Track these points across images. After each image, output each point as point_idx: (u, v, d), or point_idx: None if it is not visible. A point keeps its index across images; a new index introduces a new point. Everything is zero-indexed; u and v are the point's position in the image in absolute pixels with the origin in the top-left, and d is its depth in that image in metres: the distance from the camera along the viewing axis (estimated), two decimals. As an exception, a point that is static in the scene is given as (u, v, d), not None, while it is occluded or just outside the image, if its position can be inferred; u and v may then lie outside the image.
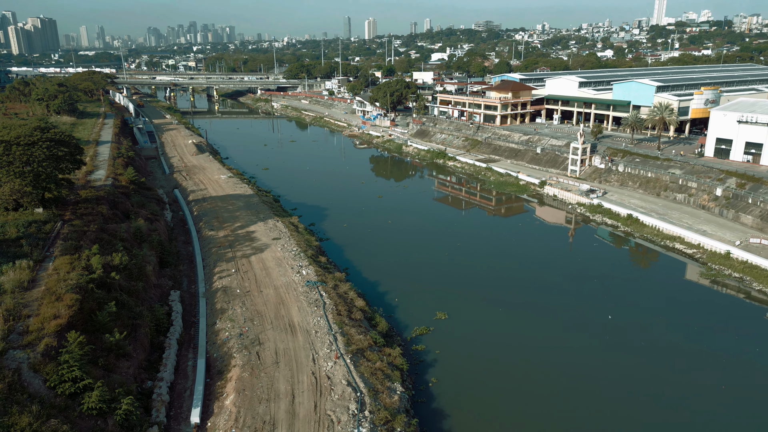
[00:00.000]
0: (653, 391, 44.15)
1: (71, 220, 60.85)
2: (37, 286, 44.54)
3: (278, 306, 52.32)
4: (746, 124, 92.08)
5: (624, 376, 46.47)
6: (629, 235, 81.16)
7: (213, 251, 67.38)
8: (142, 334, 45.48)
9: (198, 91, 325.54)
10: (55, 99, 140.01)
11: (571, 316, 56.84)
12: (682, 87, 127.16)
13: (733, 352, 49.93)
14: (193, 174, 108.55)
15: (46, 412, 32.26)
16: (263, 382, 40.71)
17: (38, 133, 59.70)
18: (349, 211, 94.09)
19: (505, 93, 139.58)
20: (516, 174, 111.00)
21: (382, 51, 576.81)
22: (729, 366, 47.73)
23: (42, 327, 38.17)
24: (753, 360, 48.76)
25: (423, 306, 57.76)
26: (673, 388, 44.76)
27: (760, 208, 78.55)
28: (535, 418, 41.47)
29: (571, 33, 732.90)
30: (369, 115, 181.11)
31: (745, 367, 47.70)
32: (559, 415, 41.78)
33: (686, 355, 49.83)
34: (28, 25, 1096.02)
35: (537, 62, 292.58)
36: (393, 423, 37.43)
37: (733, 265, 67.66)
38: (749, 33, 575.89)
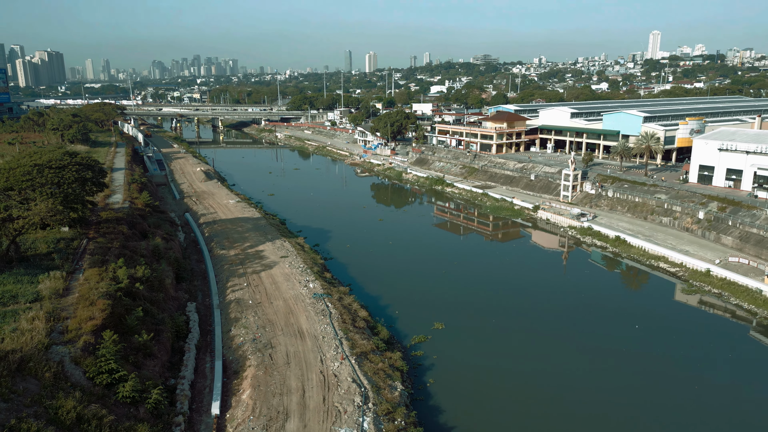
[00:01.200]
0: (639, 395, 48.25)
1: (95, 237, 65.70)
2: (71, 293, 49.08)
3: (288, 315, 56.69)
4: (726, 152, 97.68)
5: (609, 375, 50.58)
6: (617, 256, 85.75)
7: (225, 268, 71.96)
8: (164, 338, 49.82)
9: (203, 122, 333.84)
10: (69, 129, 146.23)
11: (562, 328, 61.05)
12: (668, 117, 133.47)
13: (722, 376, 53.88)
14: (203, 199, 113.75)
15: (87, 399, 36.51)
16: (276, 380, 44.88)
17: (67, 158, 65.01)
18: (351, 233, 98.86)
19: (501, 123, 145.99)
20: (511, 199, 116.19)
21: (382, 84, 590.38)
22: (718, 389, 51.83)
23: (79, 327, 42.59)
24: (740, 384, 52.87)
25: (421, 317, 62.06)
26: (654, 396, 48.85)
27: (739, 229, 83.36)
28: (525, 416, 45.50)
29: (568, 66, 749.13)
30: (370, 145, 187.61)
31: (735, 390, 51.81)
32: (547, 413, 45.80)
33: (666, 372, 53.93)
34: (36, 59, 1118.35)
35: (533, 94, 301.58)
36: (394, 414, 41.52)
37: (712, 282, 72.13)
38: (741, 66, 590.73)
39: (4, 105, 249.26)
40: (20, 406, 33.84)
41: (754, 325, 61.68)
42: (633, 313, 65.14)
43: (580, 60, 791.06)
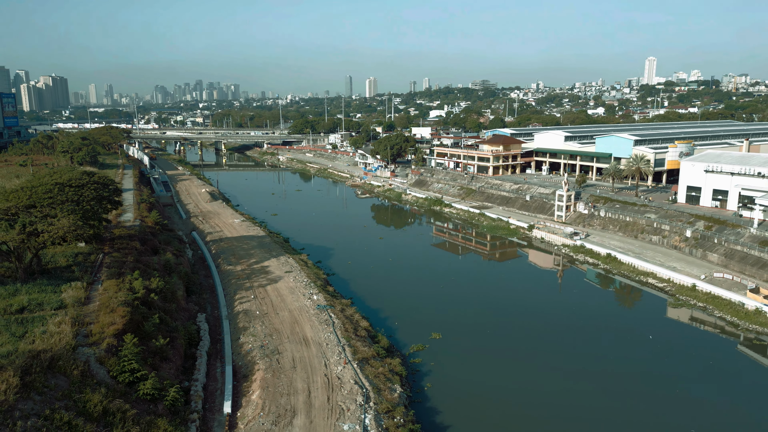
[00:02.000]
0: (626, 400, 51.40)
1: (110, 252, 69.29)
2: (92, 302, 52.54)
3: (293, 324, 59.99)
4: (712, 173, 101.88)
5: (598, 380, 53.76)
6: (609, 272, 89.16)
7: (232, 282, 75.39)
8: (178, 344, 53.12)
9: (206, 146, 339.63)
10: (79, 151, 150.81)
11: (554, 340, 64.27)
12: (658, 141, 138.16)
13: (711, 392, 56.99)
14: (209, 218, 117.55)
15: (111, 394, 39.82)
16: (283, 382, 48.07)
17: (86, 177, 69.05)
18: (352, 251, 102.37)
19: (497, 146, 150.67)
20: (507, 219, 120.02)
21: (382, 108, 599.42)
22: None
23: (102, 331, 45.98)
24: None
25: (420, 328, 65.31)
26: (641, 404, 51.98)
27: (724, 247, 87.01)
28: (516, 418, 48.59)
29: (565, 91, 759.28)
30: (370, 167, 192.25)
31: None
32: (537, 415, 48.89)
33: (650, 389, 57.10)
34: (40, 83, 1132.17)
35: (530, 119, 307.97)
36: (393, 413, 44.65)
37: (697, 296, 75.51)
38: (736, 92, 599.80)
39: (12, 128, 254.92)
40: (53, 399, 37.17)
41: (742, 339, 64.56)
42: (623, 327, 68.39)
43: (577, 85, 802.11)
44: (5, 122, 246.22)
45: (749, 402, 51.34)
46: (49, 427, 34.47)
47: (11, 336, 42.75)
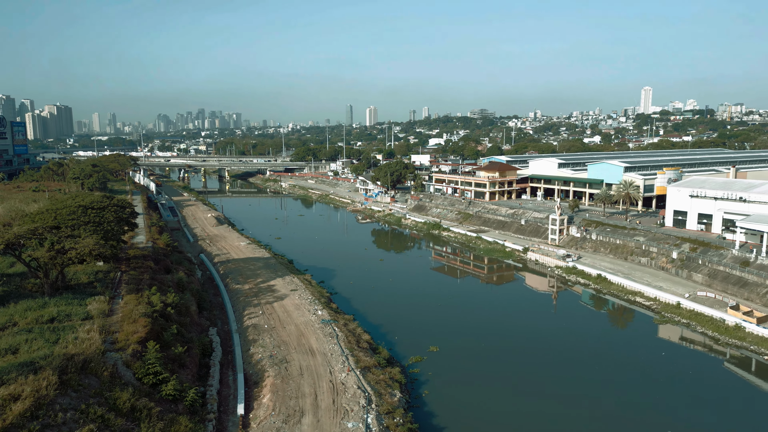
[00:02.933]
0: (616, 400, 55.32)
1: (127, 270, 73.77)
2: (115, 314, 56.86)
3: (299, 337, 64.11)
4: (697, 198, 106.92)
5: (588, 390, 57.69)
6: (599, 292, 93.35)
7: (240, 299, 79.63)
8: (193, 353, 57.27)
9: (209, 173, 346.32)
10: (90, 178, 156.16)
11: (544, 351, 68.32)
12: (648, 167, 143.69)
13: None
14: (216, 242, 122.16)
15: (138, 394, 43.92)
16: (292, 387, 52.06)
17: (106, 200, 73.93)
18: (354, 272, 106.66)
19: (493, 172, 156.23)
20: (503, 242, 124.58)
21: (382, 136, 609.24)
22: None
23: (127, 339, 50.27)
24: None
25: (418, 341, 69.36)
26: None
27: (708, 267, 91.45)
28: (510, 422, 52.48)
29: (562, 120, 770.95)
30: (371, 193, 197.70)
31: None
32: (528, 421, 52.77)
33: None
34: (45, 112, 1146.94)
35: (526, 146, 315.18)
36: (393, 414, 48.58)
37: (682, 313, 79.64)
38: (730, 121, 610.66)
39: (21, 156, 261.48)
40: (87, 396, 41.31)
41: (728, 357, 68.32)
42: (611, 343, 72.45)
43: (575, 114, 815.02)
44: (15, 150, 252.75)
45: (728, 413, 55.23)
46: (85, 419, 38.59)
47: (45, 342, 46.92)
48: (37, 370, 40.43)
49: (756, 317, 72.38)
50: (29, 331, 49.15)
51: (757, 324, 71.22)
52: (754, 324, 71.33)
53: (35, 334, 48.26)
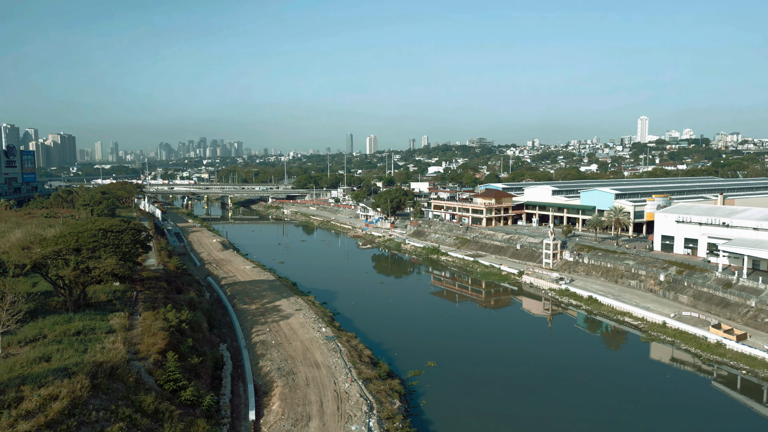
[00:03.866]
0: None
1: (143, 290, 78.30)
2: (135, 328, 61.29)
3: (305, 352, 68.32)
4: (683, 224, 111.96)
5: (577, 401, 61.70)
6: (590, 312, 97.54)
7: (248, 318, 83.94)
8: (207, 365, 61.50)
9: (212, 200, 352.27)
10: (99, 204, 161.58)
11: (538, 369, 72.44)
12: (638, 195, 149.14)
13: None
14: (222, 265, 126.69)
15: (160, 398, 48.18)
16: (299, 395, 56.20)
17: (124, 224, 78.94)
18: (355, 294, 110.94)
19: (489, 199, 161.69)
20: (499, 266, 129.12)
21: (382, 164, 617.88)
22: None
23: (148, 350, 54.67)
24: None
25: (417, 357, 73.49)
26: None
27: (693, 289, 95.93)
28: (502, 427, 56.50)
29: (560, 149, 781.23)
30: (371, 219, 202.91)
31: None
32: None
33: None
34: (49, 141, 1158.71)
35: (523, 174, 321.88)
36: (393, 419, 52.69)
37: (667, 332, 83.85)
38: (725, 150, 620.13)
39: (30, 184, 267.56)
40: (115, 398, 45.62)
41: (709, 372, 72.28)
42: (601, 363, 76.58)
43: (572, 143, 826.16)
44: (24, 178, 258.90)
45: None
46: (115, 418, 42.90)
47: (75, 351, 51.24)
48: (71, 375, 44.85)
49: (736, 335, 76.70)
50: (59, 342, 53.53)
51: (736, 341, 75.45)
52: (734, 341, 75.55)
53: (65, 345, 52.62)
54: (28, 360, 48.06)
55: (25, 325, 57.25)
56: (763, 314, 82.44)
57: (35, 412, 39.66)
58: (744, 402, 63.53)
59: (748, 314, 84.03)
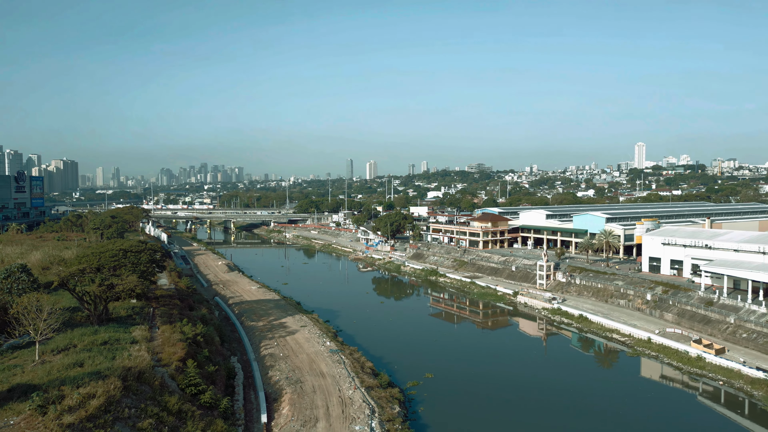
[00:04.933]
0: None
1: (158, 307, 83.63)
2: (155, 340, 66.50)
3: (311, 363, 73.35)
4: (669, 246, 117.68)
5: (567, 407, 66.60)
6: (581, 330, 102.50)
7: (256, 334, 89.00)
8: (221, 374, 66.54)
9: (215, 225, 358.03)
10: (109, 228, 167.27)
11: (531, 382, 77.41)
12: (628, 218, 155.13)
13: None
14: (228, 286, 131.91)
15: (182, 400, 53.27)
16: (307, 401, 61.17)
17: (142, 245, 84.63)
18: (356, 313, 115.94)
19: (486, 223, 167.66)
20: (495, 287, 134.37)
21: (382, 189, 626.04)
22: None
23: (170, 358, 59.89)
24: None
25: (415, 369, 78.44)
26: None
27: (677, 307, 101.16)
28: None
29: (557, 175, 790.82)
30: (372, 242, 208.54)
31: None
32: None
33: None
34: (51, 167, 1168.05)
35: (520, 199, 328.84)
36: (393, 422, 57.58)
37: (651, 347, 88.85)
38: (720, 176, 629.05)
39: (38, 209, 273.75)
40: (143, 399, 50.73)
41: (701, 392, 76.95)
42: (590, 378, 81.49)
43: (570, 168, 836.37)
44: (33, 203, 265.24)
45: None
46: (145, 415, 48.02)
47: (105, 358, 56.44)
48: (104, 378, 50.04)
49: (715, 349, 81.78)
50: (89, 350, 58.73)
51: (715, 355, 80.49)
52: (713, 355, 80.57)
53: (94, 353, 57.83)
54: (63, 365, 53.27)
55: (56, 336, 62.49)
56: (741, 330, 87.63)
57: (76, 407, 44.74)
58: (720, 411, 68.32)
59: (728, 330, 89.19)
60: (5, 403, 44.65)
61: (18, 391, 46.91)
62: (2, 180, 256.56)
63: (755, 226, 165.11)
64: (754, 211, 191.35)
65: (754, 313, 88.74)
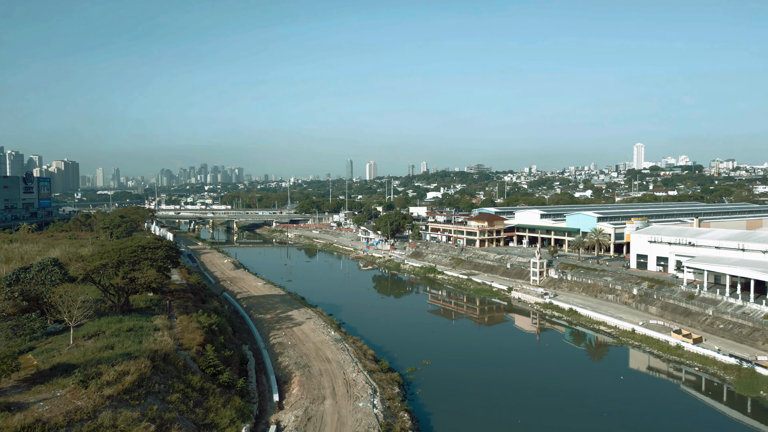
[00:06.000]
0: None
1: (173, 299, 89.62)
2: (175, 328, 72.46)
3: (317, 350, 79.36)
4: (655, 243, 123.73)
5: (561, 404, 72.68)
6: (570, 323, 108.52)
7: (264, 325, 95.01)
8: (235, 358, 72.56)
9: (217, 225, 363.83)
10: (119, 227, 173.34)
11: (521, 369, 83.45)
12: (619, 218, 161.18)
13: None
14: (235, 282, 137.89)
15: (203, 379, 59.27)
16: (314, 383, 67.15)
17: (158, 242, 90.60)
18: (358, 307, 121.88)
19: (482, 222, 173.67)
20: (490, 283, 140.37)
21: (382, 190, 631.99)
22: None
23: (190, 343, 65.91)
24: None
25: (414, 356, 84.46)
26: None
27: (661, 301, 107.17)
28: (487, 412, 67.40)
29: (556, 175, 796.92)
30: (372, 241, 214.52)
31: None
32: (502, 414, 67.64)
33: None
34: (52, 167, 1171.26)
35: (517, 200, 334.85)
36: (393, 400, 63.61)
37: (635, 337, 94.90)
38: (717, 176, 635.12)
39: (45, 209, 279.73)
40: (170, 377, 56.76)
41: (677, 377, 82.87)
42: (576, 365, 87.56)
43: (569, 169, 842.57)
44: (40, 203, 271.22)
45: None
46: (172, 390, 54.10)
47: (132, 342, 62.42)
48: (134, 358, 56.04)
49: (693, 339, 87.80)
50: (117, 336, 64.70)
51: (693, 343, 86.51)
52: (690, 344, 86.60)
53: (122, 338, 63.82)
54: (96, 348, 59.23)
55: (86, 324, 68.45)
56: (718, 321, 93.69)
57: (113, 382, 50.73)
58: (694, 394, 74.33)
59: (706, 321, 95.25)
60: (50, 379, 50.74)
61: (59, 369, 52.97)
62: (11, 181, 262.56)
63: (743, 225, 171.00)
64: (743, 211, 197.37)
65: (731, 305, 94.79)
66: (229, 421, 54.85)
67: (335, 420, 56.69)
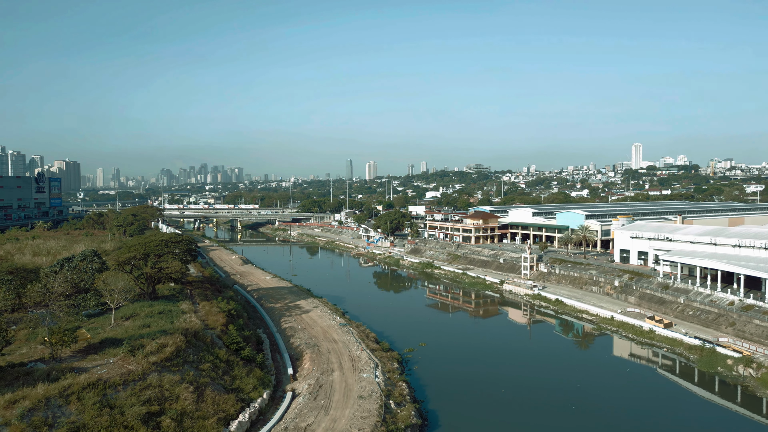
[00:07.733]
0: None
1: (193, 289, 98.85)
2: (199, 312, 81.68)
3: (324, 333, 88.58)
4: (636, 239, 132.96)
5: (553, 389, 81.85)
6: (556, 312, 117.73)
7: (275, 313, 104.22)
8: (252, 339, 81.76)
9: (221, 224, 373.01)
10: (131, 225, 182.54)
11: (509, 352, 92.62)
12: (606, 215, 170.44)
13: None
14: (245, 276, 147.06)
15: (228, 353, 68.46)
16: (323, 359, 76.33)
17: (179, 236, 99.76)
18: (360, 299, 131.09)
19: (477, 220, 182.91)
20: (484, 277, 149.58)
21: (381, 190, 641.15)
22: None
23: (215, 323, 75.22)
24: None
25: (411, 339, 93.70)
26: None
27: (639, 291, 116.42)
28: (477, 387, 76.63)
29: (554, 175, 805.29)
30: (372, 239, 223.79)
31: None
32: (494, 389, 76.87)
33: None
34: (54, 167, 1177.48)
35: (514, 199, 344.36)
36: (393, 373, 72.82)
37: (613, 324, 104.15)
38: (713, 176, 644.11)
39: (56, 208, 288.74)
40: (201, 350, 65.95)
41: (648, 357, 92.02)
42: (560, 348, 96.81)
43: (568, 169, 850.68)
44: (51, 202, 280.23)
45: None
46: (204, 360, 63.30)
47: (165, 322, 71.57)
48: (170, 334, 65.23)
49: (664, 324, 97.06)
50: (150, 317, 73.87)
51: (664, 328, 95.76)
52: (661, 328, 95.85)
53: (156, 318, 72.98)
54: (135, 326, 68.45)
55: (121, 307, 77.60)
56: (688, 308, 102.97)
57: (155, 352, 59.89)
58: (662, 373, 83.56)
59: (678, 309, 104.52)
60: (101, 350, 59.96)
61: (107, 342, 62.19)
62: (24, 181, 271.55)
63: (725, 222, 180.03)
64: (727, 209, 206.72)
65: (700, 294, 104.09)
66: (252, 387, 64.05)
67: (343, 387, 65.90)
